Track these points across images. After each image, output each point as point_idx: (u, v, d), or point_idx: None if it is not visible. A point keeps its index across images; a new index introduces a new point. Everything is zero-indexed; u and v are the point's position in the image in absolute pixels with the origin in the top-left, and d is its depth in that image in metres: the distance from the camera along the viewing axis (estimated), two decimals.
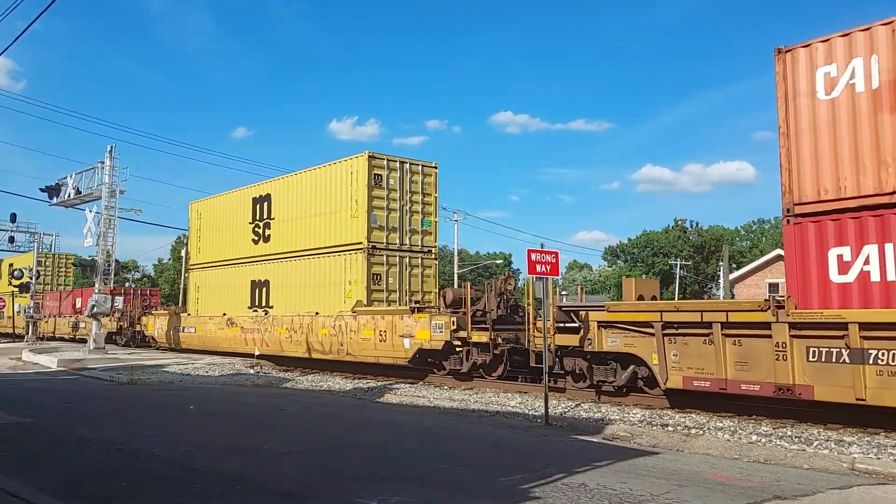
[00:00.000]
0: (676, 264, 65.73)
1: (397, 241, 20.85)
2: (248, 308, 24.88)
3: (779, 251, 44.18)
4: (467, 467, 8.00)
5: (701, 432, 10.88)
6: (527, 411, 13.27)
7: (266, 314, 23.69)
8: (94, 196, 29.68)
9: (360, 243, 20.14)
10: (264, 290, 24.18)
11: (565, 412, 13.12)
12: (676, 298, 53.34)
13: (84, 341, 36.20)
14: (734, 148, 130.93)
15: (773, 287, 40.51)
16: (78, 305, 40.74)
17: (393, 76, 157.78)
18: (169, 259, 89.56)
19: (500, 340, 16.31)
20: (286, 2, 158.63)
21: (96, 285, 29.23)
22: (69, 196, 30.95)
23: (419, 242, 21.51)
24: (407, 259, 21.05)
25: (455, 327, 16.88)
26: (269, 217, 24.33)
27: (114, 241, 28.98)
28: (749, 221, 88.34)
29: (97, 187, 29.09)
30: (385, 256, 20.48)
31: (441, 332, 17.12)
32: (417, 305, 18.59)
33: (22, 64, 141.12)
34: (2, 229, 47.29)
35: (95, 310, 28.07)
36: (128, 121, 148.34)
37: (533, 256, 12.12)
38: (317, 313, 21.24)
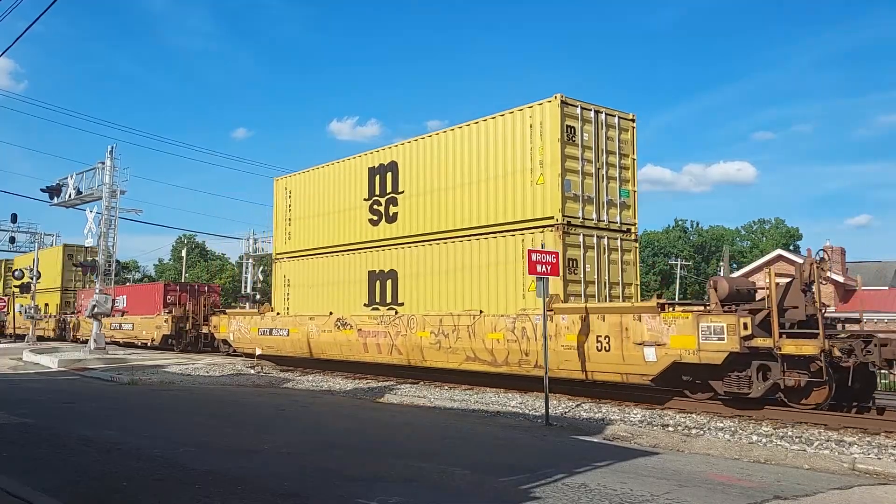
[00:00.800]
0: (677, 264, 65.74)
1: (594, 215, 15.88)
2: (365, 306, 19.98)
3: (780, 251, 44.19)
4: (468, 467, 8.00)
5: (701, 432, 10.88)
6: (527, 411, 13.27)
7: (396, 313, 18.75)
8: (94, 196, 29.71)
9: (552, 218, 15.17)
10: (389, 283, 19.21)
11: (566, 412, 13.11)
12: (677, 299, 53.28)
13: (133, 345, 35.28)
14: (734, 148, 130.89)
15: None
16: (121, 305, 37.94)
17: (393, 76, 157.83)
18: (169, 259, 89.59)
19: (837, 352, 11.26)
20: (286, 3, 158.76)
21: (97, 285, 29.23)
22: (70, 196, 30.98)
23: (617, 218, 16.44)
24: (605, 240, 16.01)
25: (748, 332, 11.79)
26: (394, 191, 19.38)
27: (114, 242, 29.01)
28: (749, 221, 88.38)
29: (97, 187, 29.11)
30: (581, 236, 15.45)
31: (720, 338, 12.03)
32: (664, 301, 13.47)
33: (23, 65, 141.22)
34: (2, 230, 47.44)
35: (96, 310, 28.07)
36: (129, 121, 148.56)
37: (533, 256, 12.11)
38: (480, 312, 16.36)
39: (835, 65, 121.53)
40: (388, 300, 19.22)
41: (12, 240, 46.90)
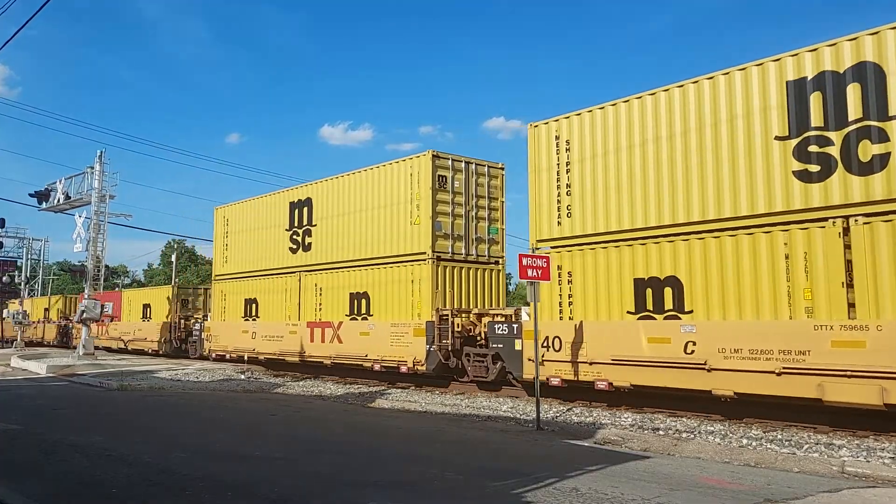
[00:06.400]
0: None
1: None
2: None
3: None
4: (459, 472, 7.99)
5: (692, 436, 10.91)
6: (518, 416, 13.27)
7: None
8: (83, 201, 29.60)
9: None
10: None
11: (556, 416, 13.12)
12: None
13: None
14: None
15: None
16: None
17: (386, 82, 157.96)
18: (159, 264, 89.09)
19: None
20: (280, 9, 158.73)
21: (86, 291, 29.06)
22: (59, 201, 30.85)
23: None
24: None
25: None
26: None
27: (103, 247, 28.87)
28: None
29: (87, 192, 29.02)
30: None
31: None
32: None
33: (17, 71, 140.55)
34: None
35: (85, 315, 27.90)
36: (122, 126, 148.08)
37: (524, 261, 12.14)
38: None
39: None
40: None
41: (0, 245, 46.59)
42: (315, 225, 22.20)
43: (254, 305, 24.65)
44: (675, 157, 12.99)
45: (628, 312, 13.30)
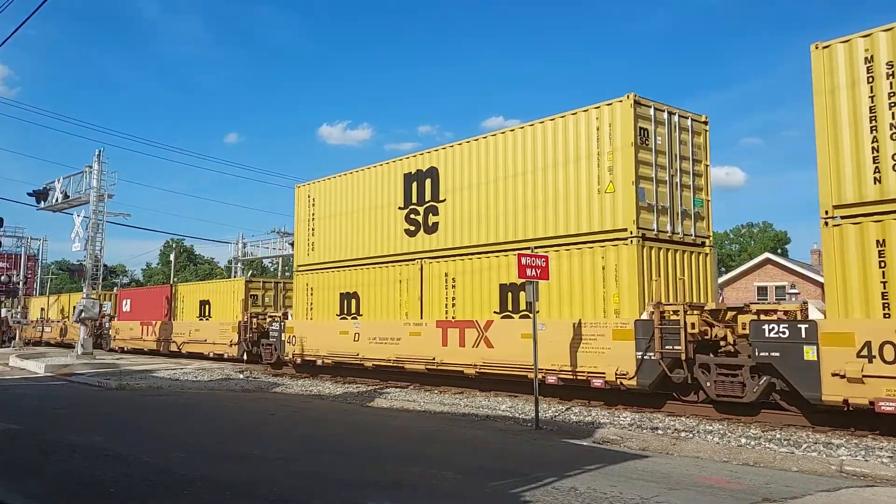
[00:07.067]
0: None
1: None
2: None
3: (768, 255, 44.44)
4: (458, 472, 8.00)
5: (690, 435, 10.93)
6: (517, 415, 13.28)
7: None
8: (81, 200, 29.56)
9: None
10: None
11: (555, 416, 13.13)
12: None
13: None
14: (722, 153, 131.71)
15: (762, 290, 40.73)
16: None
17: (385, 81, 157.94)
18: (157, 263, 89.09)
19: None
20: (278, 9, 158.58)
21: (84, 290, 29.04)
22: (57, 200, 30.81)
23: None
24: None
25: None
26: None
27: (102, 246, 28.84)
28: (738, 225, 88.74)
29: (85, 191, 28.99)
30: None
31: None
32: None
33: (17, 71, 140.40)
34: None
35: (83, 315, 27.87)
36: (121, 126, 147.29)
37: (523, 260, 12.13)
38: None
39: None
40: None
41: None
42: (443, 200, 17.91)
43: (353, 301, 20.40)
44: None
45: None
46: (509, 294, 15.87)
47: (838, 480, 7.95)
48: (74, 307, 30.51)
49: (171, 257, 60.22)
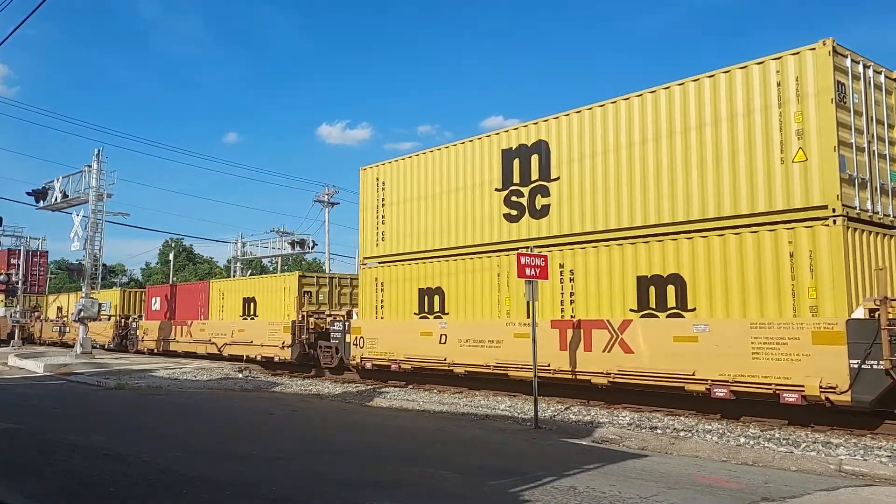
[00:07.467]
0: None
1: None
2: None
3: None
4: (458, 471, 8.01)
5: (689, 435, 10.94)
6: (516, 415, 13.30)
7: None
8: (80, 200, 29.53)
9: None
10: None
11: (555, 415, 13.14)
12: None
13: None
14: None
15: None
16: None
17: (384, 80, 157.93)
18: (157, 263, 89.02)
19: None
20: (278, 8, 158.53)
21: (83, 289, 29.03)
22: (56, 200, 30.78)
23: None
24: (879, 238, 11.98)
25: None
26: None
27: (101, 245, 28.82)
28: None
29: (84, 191, 28.95)
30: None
31: None
32: None
33: (16, 70, 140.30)
34: None
35: (83, 314, 27.86)
36: (121, 126, 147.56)
37: (522, 260, 12.14)
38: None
39: None
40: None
41: None
42: (556, 179, 15.23)
43: (436, 297, 17.65)
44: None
45: None
46: (651, 288, 13.15)
47: (837, 480, 7.96)
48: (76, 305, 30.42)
49: (171, 257, 60.23)
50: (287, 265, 54.01)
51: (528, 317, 14.01)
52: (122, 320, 36.32)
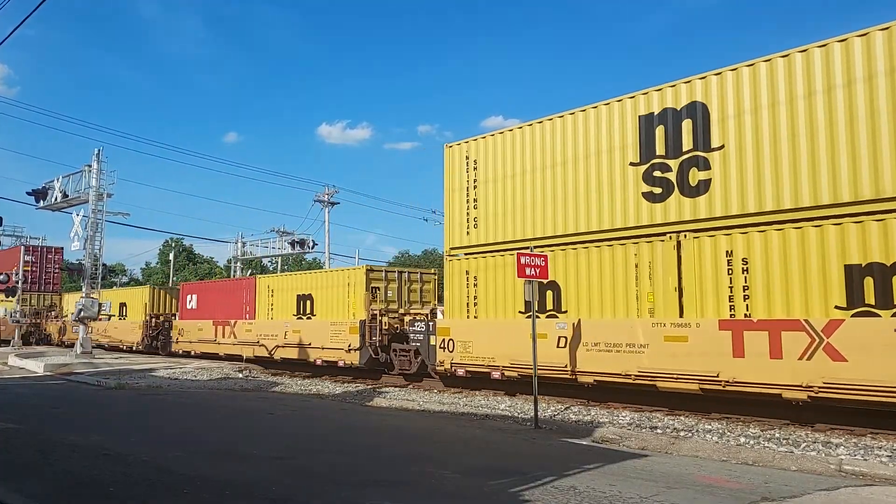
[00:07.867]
0: None
1: None
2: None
3: None
4: (458, 471, 8.00)
5: (689, 435, 10.94)
6: (516, 414, 13.29)
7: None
8: (81, 200, 29.52)
9: None
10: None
11: (554, 415, 13.13)
12: None
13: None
14: None
15: None
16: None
17: (384, 80, 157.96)
18: (157, 262, 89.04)
19: None
20: (278, 9, 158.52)
21: (83, 289, 29.02)
22: (56, 199, 30.77)
23: None
24: None
25: None
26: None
27: (101, 245, 28.80)
28: None
29: (84, 191, 28.94)
30: None
31: None
32: None
33: (16, 71, 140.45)
34: None
35: (83, 314, 27.85)
36: (120, 126, 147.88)
37: (522, 259, 12.14)
38: None
39: None
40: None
41: None
42: (718, 147, 12.76)
43: (548, 293, 15.13)
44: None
45: None
46: (867, 280, 10.78)
47: (837, 479, 7.96)
48: (76, 304, 30.37)
49: (171, 257, 60.20)
50: (287, 265, 53.97)
51: (681, 315, 12.86)
52: (153, 320, 34.30)
